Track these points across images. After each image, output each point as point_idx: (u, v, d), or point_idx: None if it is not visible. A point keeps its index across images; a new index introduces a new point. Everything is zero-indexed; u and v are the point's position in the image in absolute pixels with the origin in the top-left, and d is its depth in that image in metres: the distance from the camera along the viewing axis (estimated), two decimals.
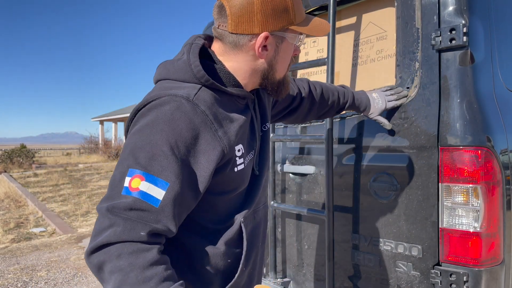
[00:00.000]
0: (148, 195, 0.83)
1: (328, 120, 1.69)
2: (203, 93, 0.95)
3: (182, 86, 0.95)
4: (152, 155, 0.85)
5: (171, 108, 0.89)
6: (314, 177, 1.88)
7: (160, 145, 0.86)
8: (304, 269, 1.95)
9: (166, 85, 0.97)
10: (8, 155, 20.42)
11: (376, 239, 1.61)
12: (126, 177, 0.84)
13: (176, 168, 0.86)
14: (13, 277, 4.27)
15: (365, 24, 1.81)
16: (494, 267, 1.37)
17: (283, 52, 1.03)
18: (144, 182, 0.83)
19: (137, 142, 0.87)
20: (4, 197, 10.72)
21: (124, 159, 0.87)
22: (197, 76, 0.95)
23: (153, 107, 0.91)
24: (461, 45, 1.39)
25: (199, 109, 0.91)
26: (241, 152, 1.02)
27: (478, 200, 1.34)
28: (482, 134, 1.37)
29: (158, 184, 0.84)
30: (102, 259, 0.80)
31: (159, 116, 0.88)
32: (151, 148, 0.86)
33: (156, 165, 0.85)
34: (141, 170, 0.84)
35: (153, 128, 0.88)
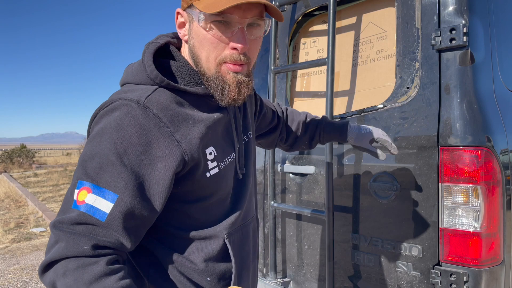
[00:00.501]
0: (94, 208, 0.77)
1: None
2: (158, 95, 0.87)
3: (136, 88, 0.89)
4: (101, 166, 0.79)
5: (120, 113, 0.83)
6: (314, 177, 1.88)
7: (109, 154, 0.80)
8: (304, 269, 1.95)
9: (123, 89, 0.92)
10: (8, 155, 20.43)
11: (376, 239, 1.61)
12: (76, 189, 0.79)
13: (126, 178, 0.79)
14: (13, 277, 4.28)
15: (365, 24, 1.81)
16: (494, 267, 1.37)
17: (196, 34, 0.88)
18: (90, 195, 0.78)
19: (87, 151, 0.82)
20: (4, 197, 10.72)
21: (76, 170, 0.83)
22: (151, 77, 0.89)
23: (104, 113, 0.85)
24: (461, 45, 1.39)
25: (150, 112, 0.84)
26: (213, 155, 0.94)
27: (478, 200, 1.34)
28: (482, 134, 1.37)
29: (105, 196, 0.78)
30: (52, 279, 0.76)
31: (108, 123, 0.83)
32: (99, 158, 0.80)
33: (105, 176, 0.79)
34: (88, 181, 0.79)
35: (103, 136, 0.82)
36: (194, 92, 0.92)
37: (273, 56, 2.01)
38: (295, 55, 2.13)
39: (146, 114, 0.84)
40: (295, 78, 2.13)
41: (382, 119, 1.60)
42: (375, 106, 1.64)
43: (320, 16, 2.03)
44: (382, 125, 1.60)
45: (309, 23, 2.09)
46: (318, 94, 1.99)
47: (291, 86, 2.13)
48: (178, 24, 0.93)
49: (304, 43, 2.10)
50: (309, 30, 2.08)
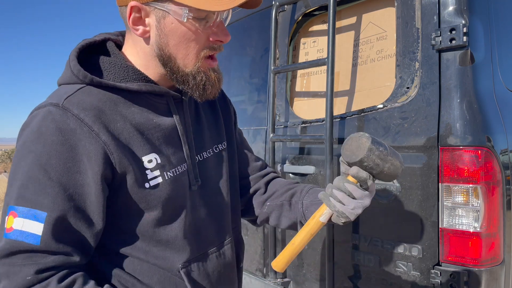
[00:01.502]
0: (25, 233, 0.69)
1: (328, 120, 1.68)
2: (82, 94, 0.78)
3: (58, 91, 0.81)
4: (23, 184, 0.71)
5: (38, 121, 0.74)
6: (314, 177, 1.87)
7: (30, 169, 0.72)
8: (304, 269, 1.95)
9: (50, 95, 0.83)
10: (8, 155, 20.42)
11: (376, 239, 1.61)
12: (5, 216, 0.72)
13: (53, 192, 0.71)
14: None
15: (365, 24, 1.81)
16: (494, 267, 1.37)
17: (172, 32, 0.80)
18: (17, 219, 0.70)
19: (11, 172, 0.75)
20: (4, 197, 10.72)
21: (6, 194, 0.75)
22: (76, 74, 0.80)
23: (23, 126, 0.77)
24: (461, 45, 1.39)
25: (70, 113, 0.75)
26: (154, 163, 0.82)
27: (478, 200, 1.34)
28: (482, 134, 1.37)
29: (34, 217, 0.70)
30: None
31: (27, 135, 0.75)
32: (22, 176, 0.72)
33: (28, 195, 0.71)
34: (13, 204, 0.71)
35: (23, 151, 0.74)
36: (127, 89, 0.82)
37: (273, 56, 2.01)
38: (295, 55, 2.13)
39: (66, 116, 0.75)
40: (295, 78, 2.13)
41: (382, 119, 1.60)
42: (375, 106, 1.64)
43: (320, 16, 2.03)
44: (382, 125, 1.60)
45: (309, 23, 2.09)
46: (318, 94, 1.99)
47: (291, 86, 2.13)
48: (132, 20, 0.80)
49: (304, 43, 2.10)
50: (309, 30, 2.08)
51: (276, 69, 1.98)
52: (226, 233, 0.97)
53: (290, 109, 2.04)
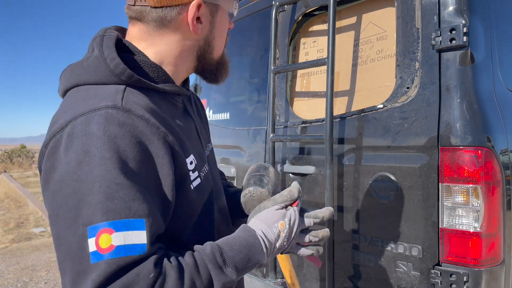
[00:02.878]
0: (129, 246, 0.62)
1: (328, 120, 1.68)
2: (131, 95, 0.73)
3: (100, 92, 0.72)
4: (108, 195, 0.62)
5: (100, 126, 0.66)
6: (314, 177, 1.88)
7: (111, 177, 0.63)
8: (304, 269, 1.95)
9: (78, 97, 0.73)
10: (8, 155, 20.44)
11: (376, 239, 1.61)
12: (88, 239, 0.61)
13: (141, 196, 0.65)
14: (13, 277, 4.27)
15: (365, 24, 1.81)
16: (494, 267, 1.37)
17: (220, 23, 0.85)
18: (115, 235, 0.61)
19: (76, 189, 0.63)
20: (4, 197, 10.72)
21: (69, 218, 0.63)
22: (116, 72, 0.74)
23: (75, 134, 0.66)
24: (461, 45, 1.39)
25: (133, 114, 0.70)
26: (193, 164, 0.81)
27: (478, 200, 1.34)
28: (482, 134, 1.37)
29: (133, 227, 0.63)
30: None
31: (90, 142, 0.64)
32: (100, 188, 0.62)
33: (119, 205, 0.62)
34: (103, 221, 0.61)
35: (90, 160, 0.64)
36: (163, 90, 0.81)
37: (273, 56, 2.01)
38: (295, 55, 2.13)
39: (131, 119, 0.69)
40: (295, 78, 2.13)
41: (382, 119, 1.60)
42: (375, 106, 1.64)
43: (320, 16, 2.03)
44: (382, 125, 1.60)
45: (309, 23, 2.09)
46: (318, 94, 1.99)
47: (291, 86, 2.13)
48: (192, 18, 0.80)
49: (304, 43, 2.10)
50: (309, 30, 2.08)
51: (276, 69, 1.98)
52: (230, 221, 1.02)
53: (290, 109, 2.04)
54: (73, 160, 0.64)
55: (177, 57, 0.84)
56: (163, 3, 0.77)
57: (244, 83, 2.44)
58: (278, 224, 0.81)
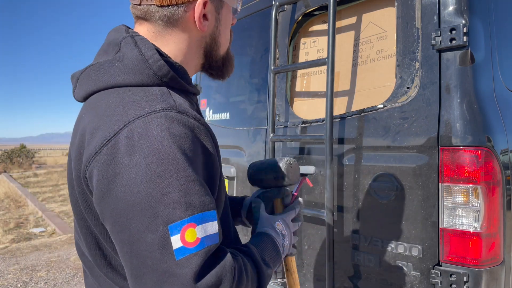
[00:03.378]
0: (210, 236, 0.67)
1: (328, 120, 1.68)
2: (176, 97, 0.75)
3: (147, 94, 0.73)
4: (184, 193, 0.65)
5: (163, 128, 0.67)
6: (314, 177, 1.87)
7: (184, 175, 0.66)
8: (304, 269, 1.95)
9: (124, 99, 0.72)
10: (8, 155, 20.43)
11: (376, 239, 1.61)
12: (171, 237, 0.63)
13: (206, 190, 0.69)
14: (13, 277, 4.27)
15: (365, 24, 1.81)
16: (494, 267, 1.37)
17: (224, 19, 0.86)
18: (198, 228, 0.65)
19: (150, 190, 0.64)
20: (4, 197, 10.72)
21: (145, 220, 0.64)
22: (160, 74, 0.75)
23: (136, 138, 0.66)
24: (461, 45, 1.39)
25: (188, 116, 0.72)
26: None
27: (478, 200, 1.34)
28: (482, 134, 1.37)
29: (208, 219, 0.67)
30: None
31: (157, 144, 0.66)
32: (178, 186, 0.65)
33: (195, 200, 0.66)
34: (186, 217, 0.64)
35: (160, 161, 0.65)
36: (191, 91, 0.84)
37: (273, 56, 2.01)
38: (295, 55, 2.13)
39: (188, 120, 0.71)
40: (295, 78, 2.13)
41: (382, 119, 1.60)
42: (375, 106, 1.64)
43: (320, 16, 2.03)
44: (382, 125, 1.60)
45: (309, 23, 2.09)
46: (318, 94, 1.99)
47: (291, 86, 2.13)
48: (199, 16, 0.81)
49: (304, 43, 2.10)
50: (309, 30, 2.08)
51: (276, 69, 1.98)
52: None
53: (290, 109, 2.04)
54: (141, 163, 0.64)
55: (186, 55, 0.84)
56: (169, 2, 0.77)
57: (244, 83, 2.44)
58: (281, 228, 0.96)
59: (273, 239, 0.90)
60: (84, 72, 0.81)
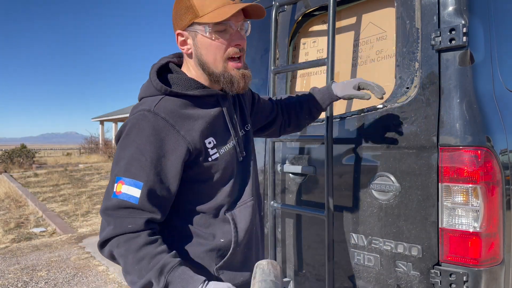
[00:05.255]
0: (128, 195, 1.03)
1: (328, 120, 1.69)
2: (164, 102, 1.12)
3: (148, 100, 1.14)
4: (128, 162, 1.05)
5: (138, 121, 1.08)
6: (314, 177, 1.88)
7: (134, 153, 1.05)
8: (304, 269, 1.96)
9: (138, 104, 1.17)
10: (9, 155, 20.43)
11: (376, 239, 1.62)
12: (115, 183, 1.05)
13: (147, 169, 1.04)
14: (14, 277, 4.28)
15: (365, 24, 1.81)
16: (494, 267, 1.37)
17: (202, 44, 1.13)
18: (124, 186, 1.03)
19: (119, 154, 1.08)
20: (4, 197, 10.73)
21: (113, 169, 1.09)
22: (158, 88, 1.14)
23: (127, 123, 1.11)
24: (461, 45, 1.40)
25: (159, 116, 1.08)
26: (212, 143, 1.17)
27: (477, 200, 1.35)
28: (481, 134, 1.37)
29: (135, 185, 1.03)
30: (110, 250, 1.04)
31: (131, 130, 1.08)
32: (127, 157, 1.05)
33: (132, 170, 1.04)
34: (122, 176, 1.04)
35: (128, 140, 1.08)
36: (193, 95, 1.15)
37: (273, 56, 2.01)
38: (295, 55, 2.13)
39: (156, 118, 1.08)
40: (295, 78, 2.13)
41: (382, 119, 1.60)
42: (375, 106, 1.64)
43: (320, 16, 2.03)
44: (382, 125, 1.60)
45: (309, 23, 2.09)
46: None
47: (291, 86, 2.13)
48: (180, 43, 1.16)
49: (304, 43, 2.10)
50: (309, 30, 2.09)
51: (276, 69, 1.98)
52: (255, 190, 1.31)
53: None
54: (123, 137, 1.10)
55: (194, 71, 1.19)
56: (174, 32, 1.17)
57: None
58: None
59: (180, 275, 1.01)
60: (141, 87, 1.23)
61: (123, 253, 1.01)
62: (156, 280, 0.98)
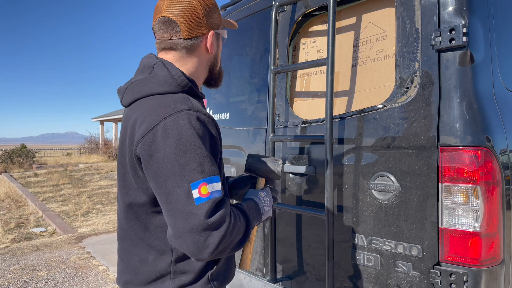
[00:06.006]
0: (215, 191, 1.02)
1: (328, 120, 1.69)
2: (193, 100, 1.11)
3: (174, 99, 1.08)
4: (200, 163, 1.01)
5: (186, 121, 1.02)
6: (314, 177, 1.88)
7: (200, 152, 1.01)
8: (304, 269, 1.96)
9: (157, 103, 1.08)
10: (9, 155, 20.43)
11: (376, 239, 1.62)
12: (192, 191, 0.99)
13: (214, 163, 1.05)
14: (14, 277, 4.28)
15: (365, 24, 1.81)
16: (494, 267, 1.37)
17: (220, 45, 1.26)
18: (208, 186, 1.01)
19: (179, 161, 1.00)
20: (4, 197, 10.73)
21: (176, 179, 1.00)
22: (182, 84, 1.11)
23: (169, 128, 1.02)
24: (460, 45, 1.40)
25: (201, 113, 1.07)
26: None
27: (477, 200, 1.35)
28: (481, 134, 1.37)
29: (214, 180, 1.03)
30: (222, 248, 1.02)
31: (183, 132, 1.01)
32: (195, 158, 1.01)
33: (206, 169, 1.02)
34: (200, 179, 1.00)
35: (186, 142, 1.01)
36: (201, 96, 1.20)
37: (273, 56, 2.01)
38: (295, 55, 2.13)
39: (201, 116, 1.06)
40: (295, 78, 2.13)
41: (382, 119, 1.60)
42: (375, 106, 1.64)
43: (320, 17, 2.03)
44: (382, 125, 1.60)
45: (309, 24, 2.09)
46: (318, 94, 1.99)
47: (291, 86, 2.13)
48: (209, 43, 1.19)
49: (304, 43, 2.10)
50: (309, 30, 2.09)
51: (276, 69, 1.98)
52: None
53: (290, 109, 2.04)
54: (173, 144, 1.00)
55: (198, 71, 1.21)
56: (192, 35, 1.15)
57: (244, 83, 2.44)
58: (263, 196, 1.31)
59: (257, 203, 1.24)
60: (129, 87, 1.16)
61: (235, 233, 1.05)
62: (250, 225, 1.14)
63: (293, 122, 2.00)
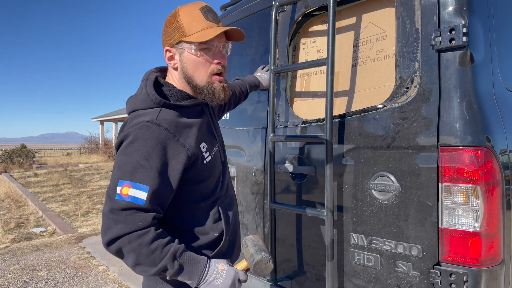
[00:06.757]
0: (136, 197, 1.14)
1: (328, 120, 1.69)
2: (164, 114, 1.23)
3: (147, 112, 1.24)
4: (134, 168, 1.15)
5: (142, 132, 1.18)
6: (314, 177, 1.88)
7: (139, 160, 1.16)
8: (304, 269, 1.96)
9: (136, 115, 1.26)
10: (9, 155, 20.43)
11: (376, 239, 1.62)
12: (118, 186, 1.15)
13: (152, 174, 1.16)
14: (14, 277, 4.28)
15: (365, 24, 1.81)
16: (494, 267, 1.37)
17: (188, 60, 1.29)
18: (131, 189, 1.14)
19: (121, 160, 1.18)
20: (4, 197, 10.73)
21: (115, 173, 1.18)
22: (156, 101, 1.25)
23: (129, 133, 1.20)
24: (460, 45, 1.40)
25: (161, 127, 1.20)
26: (205, 147, 1.32)
27: (477, 200, 1.35)
28: (481, 134, 1.37)
29: (141, 189, 1.14)
30: (118, 246, 1.13)
31: (135, 140, 1.18)
32: (132, 163, 1.16)
33: (138, 175, 1.15)
34: (127, 180, 1.15)
35: (131, 148, 1.17)
36: (185, 105, 1.29)
37: (273, 56, 2.01)
38: (295, 55, 2.13)
39: (159, 129, 1.19)
40: (295, 78, 2.13)
41: (382, 119, 1.60)
42: (375, 106, 1.64)
43: (320, 17, 2.03)
44: (382, 125, 1.60)
45: (309, 24, 2.09)
46: (318, 94, 1.99)
47: (291, 86, 2.13)
48: (168, 58, 1.31)
49: (304, 43, 2.10)
50: (309, 30, 2.09)
51: (276, 69, 1.98)
52: (230, 184, 1.53)
53: (290, 109, 2.04)
54: (126, 144, 1.19)
55: (180, 83, 1.34)
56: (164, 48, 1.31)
57: None
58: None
59: (204, 265, 1.23)
60: (128, 100, 1.34)
61: (135, 247, 1.12)
62: (171, 265, 1.16)
63: (293, 122, 2.00)
